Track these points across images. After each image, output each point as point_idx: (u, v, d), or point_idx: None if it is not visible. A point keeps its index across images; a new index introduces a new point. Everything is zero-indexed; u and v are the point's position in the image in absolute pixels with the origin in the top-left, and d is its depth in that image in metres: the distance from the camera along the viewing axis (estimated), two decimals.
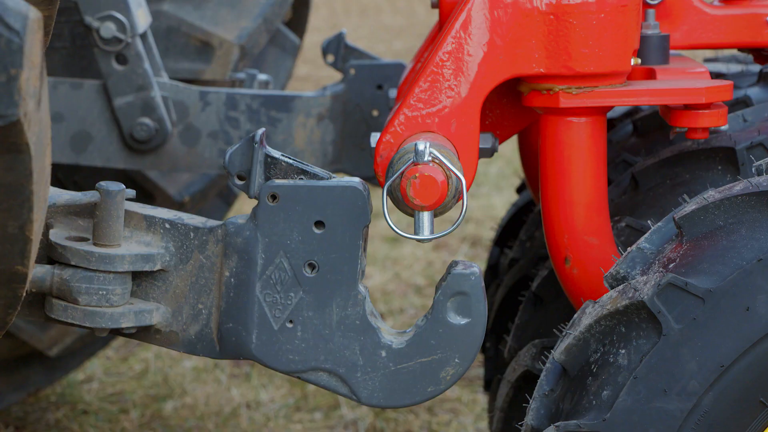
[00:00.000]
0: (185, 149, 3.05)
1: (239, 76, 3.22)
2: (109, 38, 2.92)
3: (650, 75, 2.26)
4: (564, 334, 1.95)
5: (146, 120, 2.98)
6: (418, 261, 5.81)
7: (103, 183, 1.95)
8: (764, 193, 1.85)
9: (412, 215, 1.96)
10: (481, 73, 2.08)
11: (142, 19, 2.99)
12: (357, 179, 1.96)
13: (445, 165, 1.92)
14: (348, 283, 1.97)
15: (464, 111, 2.08)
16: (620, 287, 1.90)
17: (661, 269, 1.88)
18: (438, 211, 1.97)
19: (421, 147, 1.90)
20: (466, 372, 1.99)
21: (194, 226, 1.99)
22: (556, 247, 2.17)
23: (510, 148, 7.16)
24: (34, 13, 1.53)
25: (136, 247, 1.98)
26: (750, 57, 2.92)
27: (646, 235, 1.95)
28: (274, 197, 1.95)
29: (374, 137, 2.24)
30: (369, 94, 3.13)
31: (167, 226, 1.99)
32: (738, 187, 1.89)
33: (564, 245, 2.16)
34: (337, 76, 4.43)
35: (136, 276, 2.00)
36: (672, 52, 2.41)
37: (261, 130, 1.98)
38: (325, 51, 3.25)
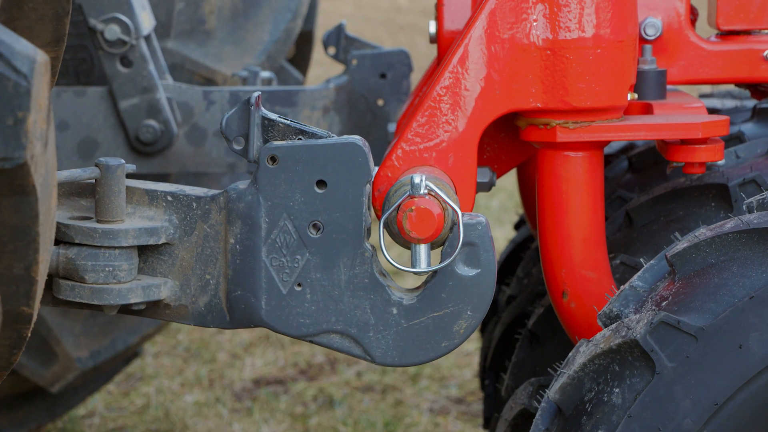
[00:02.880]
0: (192, 149, 3.06)
1: (242, 74, 3.24)
2: (113, 40, 2.94)
3: (647, 110, 2.27)
4: (558, 373, 1.94)
5: (152, 122, 3.00)
6: None
7: (102, 159, 1.94)
8: (755, 231, 1.86)
9: (408, 248, 1.95)
10: (479, 107, 2.09)
11: (147, 21, 3.01)
12: (356, 136, 1.95)
13: (441, 198, 1.92)
14: (354, 242, 1.94)
15: (462, 145, 2.09)
16: (613, 326, 1.90)
17: (653, 307, 1.88)
18: (435, 243, 1.96)
19: (417, 180, 1.90)
20: (479, 324, 1.97)
21: (196, 196, 1.97)
22: (553, 281, 2.18)
23: (511, 181, 7.19)
24: (41, 57, 1.54)
25: (139, 221, 1.96)
26: (745, 92, 2.93)
27: (638, 273, 1.96)
28: (273, 159, 1.94)
29: (374, 171, 2.25)
30: (373, 84, 3.14)
31: (169, 198, 1.97)
32: (729, 224, 1.90)
33: (561, 279, 2.16)
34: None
35: (142, 252, 1.99)
36: (669, 87, 2.42)
37: (256, 93, 1.96)
38: (326, 43, 3.27)
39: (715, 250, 1.89)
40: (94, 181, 1.95)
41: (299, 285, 1.96)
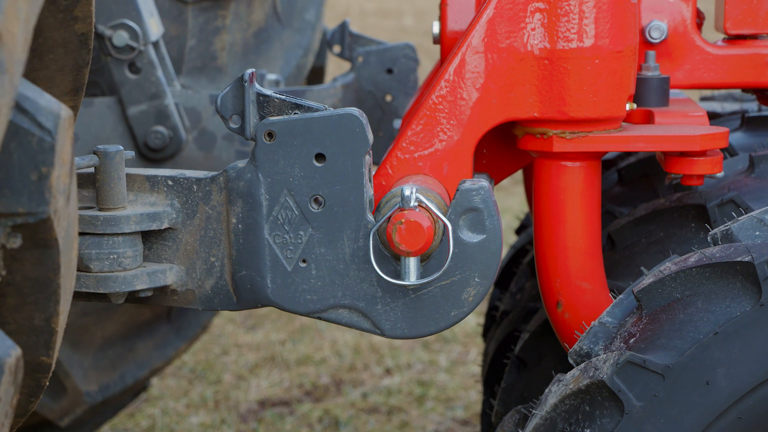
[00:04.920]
0: (202, 154, 3.28)
1: None
2: (121, 46, 3.17)
3: (648, 117, 2.43)
4: (532, 414, 2.09)
5: (160, 128, 3.22)
6: None
7: (100, 146, 2.10)
8: (717, 265, 1.99)
9: (398, 260, 2.10)
10: (475, 116, 2.25)
11: (155, 27, 3.25)
12: (353, 108, 2.10)
13: (432, 211, 2.07)
14: (357, 214, 2.09)
15: (457, 154, 2.26)
16: (582, 365, 2.05)
17: (622, 345, 2.02)
18: (425, 256, 2.11)
19: (407, 192, 2.06)
20: (488, 291, 2.09)
21: (196, 179, 2.14)
22: (548, 291, 2.36)
23: (517, 201, 7.30)
24: (65, 112, 1.69)
25: (141, 207, 2.12)
26: (747, 95, 3.04)
27: (608, 309, 2.10)
28: (270, 135, 2.08)
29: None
30: (380, 80, 3.38)
31: (170, 182, 2.13)
32: (692, 258, 2.04)
33: (556, 290, 2.34)
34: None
35: (146, 239, 2.15)
36: (673, 91, 2.53)
37: (249, 70, 2.11)
38: (330, 42, 3.46)
39: (680, 285, 2.02)
40: (93, 169, 2.12)
41: (304, 261, 2.12)
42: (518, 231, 3.60)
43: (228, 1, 3.53)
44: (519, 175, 7.97)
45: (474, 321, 5.84)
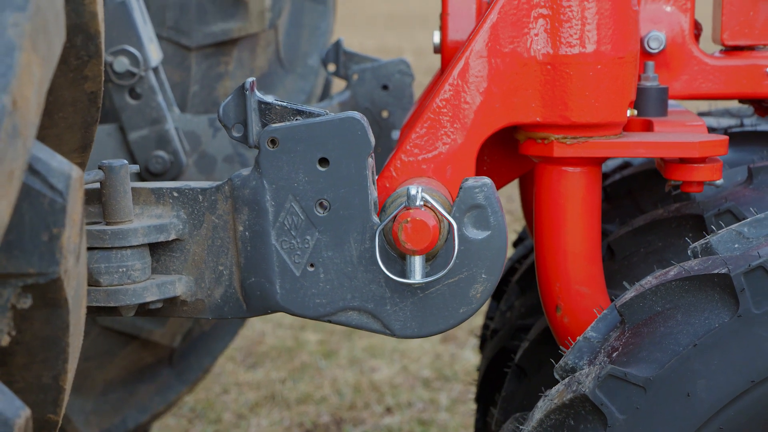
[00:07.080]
0: (203, 178, 3.44)
1: None
2: (122, 72, 3.31)
3: (647, 126, 2.57)
4: (520, 430, 2.18)
5: (161, 153, 3.36)
6: (426, 354, 6.07)
7: (105, 161, 2.22)
8: (696, 278, 2.09)
9: (404, 259, 2.22)
10: (478, 120, 2.38)
11: (155, 53, 3.40)
12: (354, 111, 2.20)
13: (437, 210, 2.19)
14: (362, 216, 2.21)
15: (460, 157, 2.39)
16: (566, 380, 2.16)
17: (605, 359, 2.12)
18: (430, 255, 2.22)
19: (413, 191, 2.17)
20: (495, 287, 2.20)
21: (201, 189, 2.25)
22: (548, 295, 2.48)
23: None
24: (76, 173, 1.77)
25: (148, 220, 2.23)
26: (744, 110, 3.18)
27: (592, 324, 2.22)
28: (273, 142, 2.20)
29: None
30: (376, 96, 3.54)
31: (175, 194, 2.25)
32: (672, 272, 2.15)
33: (555, 294, 2.46)
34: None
35: (155, 251, 2.25)
36: (671, 102, 2.67)
37: (250, 79, 2.21)
38: (324, 61, 3.61)
39: (660, 298, 2.13)
40: (99, 185, 2.24)
41: (312, 265, 2.23)
42: (516, 244, 3.73)
43: (231, 48, 3.68)
44: (519, 212, 8.07)
45: (475, 359, 5.94)
